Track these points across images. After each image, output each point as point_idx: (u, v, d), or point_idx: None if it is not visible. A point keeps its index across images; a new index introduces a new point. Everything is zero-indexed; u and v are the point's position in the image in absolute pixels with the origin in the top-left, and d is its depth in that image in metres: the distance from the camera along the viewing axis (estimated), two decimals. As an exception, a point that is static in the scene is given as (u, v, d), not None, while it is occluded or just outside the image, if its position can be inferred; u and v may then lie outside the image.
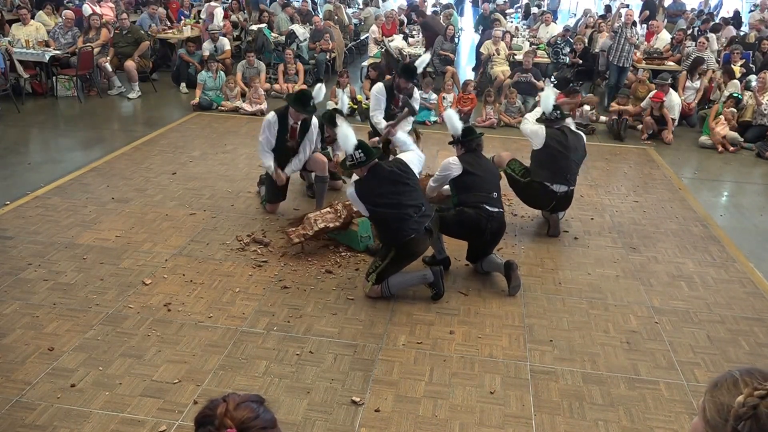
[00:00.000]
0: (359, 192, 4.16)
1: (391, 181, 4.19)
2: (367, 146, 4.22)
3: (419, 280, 4.32)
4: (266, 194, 5.63)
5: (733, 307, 4.42)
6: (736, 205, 6.50)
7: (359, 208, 4.31)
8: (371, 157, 4.17)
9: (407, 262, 4.29)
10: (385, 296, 4.26)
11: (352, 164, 4.21)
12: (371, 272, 4.25)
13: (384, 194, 4.14)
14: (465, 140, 4.72)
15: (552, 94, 5.64)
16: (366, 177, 4.20)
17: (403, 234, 4.10)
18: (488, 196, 4.51)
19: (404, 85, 5.87)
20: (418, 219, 4.16)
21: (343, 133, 4.22)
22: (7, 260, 4.61)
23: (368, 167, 4.18)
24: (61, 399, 3.24)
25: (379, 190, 4.15)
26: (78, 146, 7.39)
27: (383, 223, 4.21)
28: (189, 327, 3.89)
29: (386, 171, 4.22)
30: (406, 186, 4.22)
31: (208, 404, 1.35)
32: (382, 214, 4.15)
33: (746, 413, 1.18)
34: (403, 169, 4.29)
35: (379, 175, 4.19)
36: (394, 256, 4.18)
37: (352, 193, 4.21)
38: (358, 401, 3.31)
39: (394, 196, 4.14)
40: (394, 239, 4.15)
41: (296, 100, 5.26)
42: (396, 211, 4.11)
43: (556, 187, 5.19)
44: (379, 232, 4.37)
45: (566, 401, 3.40)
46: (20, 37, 9.31)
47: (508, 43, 10.85)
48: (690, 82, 9.47)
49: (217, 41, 10.64)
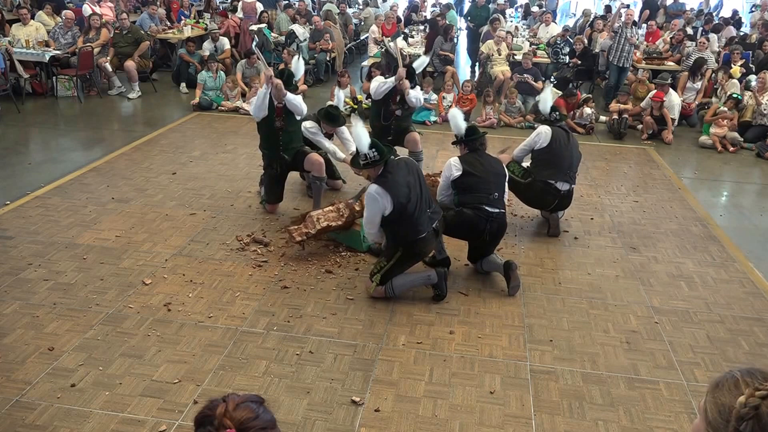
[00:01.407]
0: (383, 183, 4.04)
1: (408, 172, 4.17)
2: (380, 145, 4.17)
3: (423, 281, 4.31)
4: (265, 194, 5.65)
5: (733, 306, 4.42)
6: (736, 205, 6.50)
7: (375, 207, 4.06)
8: (384, 155, 4.15)
9: (413, 262, 4.28)
10: (388, 297, 4.25)
11: (366, 163, 4.17)
12: (375, 273, 4.23)
13: (405, 184, 4.08)
14: (468, 140, 4.70)
15: (550, 96, 5.67)
16: (385, 171, 4.13)
17: (416, 231, 4.09)
18: (488, 197, 4.49)
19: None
20: (431, 216, 4.18)
21: (356, 133, 4.19)
22: (8, 260, 4.61)
23: (382, 165, 4.15)
24: (61, 399, 3.24)
25: (400, 180, 4.09)
26: (78, 146, 7.39)
27: (400, 218, 4.09)
28: (189, 327, 3.90)
29: (402, 163, 4.23)
30: (419, 179, 4.22)
31: (207, 404, 1.35)
32: (404, 205, 4.03)
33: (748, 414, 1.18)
34: (415, 166, 4.30)
35: (396, 167, 4.16)
36: (400, 256, 4.16)
37: (377, 189, 4.03)
38: (358, 401, 3.31)
39: (413, 187, 4.11)
40: (406, 237, 4.12)
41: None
42: (415, 203, 4.08)
43: (560, 185, 5.21)
44: (390, 231, 4.25)
45: (566, 401, 3.40)
46: (20, 37, 9.32)
47: (509, 44, 10.86)
48: (691, 83, 9.48)
49: (217, 41, 10.65)
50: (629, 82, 9.65)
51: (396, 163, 4.23)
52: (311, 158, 5.45)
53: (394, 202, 4.03)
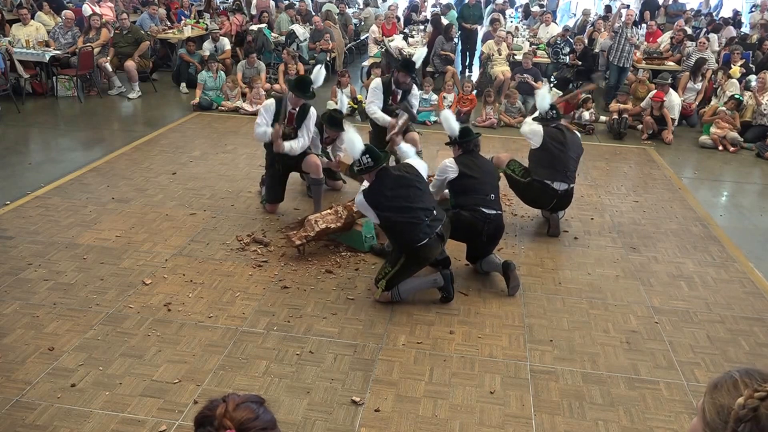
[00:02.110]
0: (368, 198, 4.07)
1: (401, 185, 4.11)
2: (374, 151, 4.13)
3: (430, 284, 4.27)
4: (266, 194, 5.65)
5: (733, 306, 4.42)
6: (736, 205, 6.50)
7: (369, 215, 4.20)
8: (379, 161, 4.10)
9: (418, 268, 4.23)
10: (395, 302, 4.23)
11: (360, 169, 4.15)
12: (380, 278, 4.18)
13: (394, 198, 4.05)
14: (462, 141, 4.68)
15: (548, 94, 5.67)
16: (375, 182, 4.12)
17: (416, 240, 4.03)
18: (485, 199, 4.48)
19: (403, 80, 5.93)
20: (430, 223, 4.09)
21: (349, 139, 4.16)
22: (8, 260, 4.61)
23: (376, 172, 4.12)
24: (62, 399, 3.24)
25: (389, 194, 4.06)
26: (78, 146, 7.39)
27: (394, 229, 4.11)
28: (189, 327, 3.90)
29: (395, 175, 4.16)
30: (416, 189, 4.14)
31: (207, 405, 1.35)
32: (392, 220, 4.05)
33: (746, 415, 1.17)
34: (413, 173, 4.23)
35: (387, 179, 4.10)
36: (404, 262, 4.11)
37: (361, 201, 4.10)
38: (358, 401, 3.31)
39: (404, 200, 4.06)
40: (406, 246, 4.08)
41: (296, 86, 5.28)
42: (407, 216, 4.02)
43: (557, 185, 5.20)
44: (390, 239, 4.25)
45: (566, 401, 3.40)
46: (20, 37, 9.32)
47: (510, 44, 10.86)
48: (692, 83, 9.47)
49: (218, 41, 10.65)
50: (629, 82, 9.65)
51: (388, 173, 4.15)
52: (309, 160, 5.45)
53: (379, 217, 4.07)
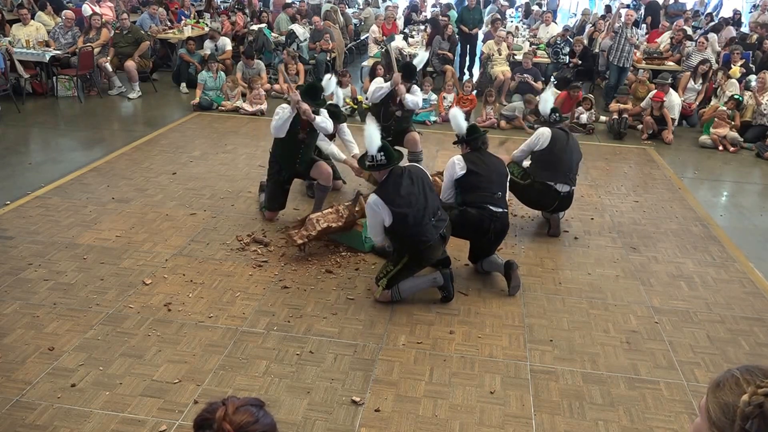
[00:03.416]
0: (383, 195, 4.02)
1: (412, 182, 4.11)
2: (389, 149, 4.12)
3: (430, 283, 4.28)
4: (266, 202, 5.51)
5: (733, 306, 4.42)
6: (736, 205, 6.50)
7: (383, 214, 4.06)
8: (393, 160, 4.09)
9: (419, 268, 4.24)
10: (395, 301, 4.24)
11: (372, 165, 4.13)
12: (382, 277, 4.19)
13: (406, 195, 4.05)
14: (469, 139, 4.69)
15: (551, 97, 5.67)
16: (387, 180, 4.11)
17: (421, 240, 4.05)
18: (492, 196, 4.49)
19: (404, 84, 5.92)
20: (435, 224, 4.12)
21: (368, 134, 4.14)
22: (8, 260, 4.61)
23: (388, 170, 4.11)
24: (62, 399, 3.24)
25: (402, 192, 4.06)
26: (78, 146, 7.39)
27: (402, 229, 4.07)
28: (189, 327, 3.90)
29: (406, 172, 4.17)
30: (424, 188, 4.16)
31: (207, 407, 1.35)
32: (403, 217, 4.02)
33: (753, 412, 1.18)
34: (420, 174, 4.24)
35: (399, 176, 4.11)
36: (406, 262, 4.12)
37: (375, 199, 4.03)
38: (358, 401, 3.31)
39: (415, 197, 4.06)
40: (411, 245, 4.09)
41: (307, 92, 5.23)
42: (417, 214, 4.03)
43: (560, 186, 5.20)
44: (395, 240, 4.24)
45: (566, 401, 3.40)
46: (20, 37, 9.32)
47: (510, 44, 10.86)
48: (692, 83, 9.47)
49: (218, 41, 10.64)
50: (629, 82, 9.65)
51: (401, 172, 4.14)
52: (320, 167, 5.33)
53: (393, 214, 4.02)
